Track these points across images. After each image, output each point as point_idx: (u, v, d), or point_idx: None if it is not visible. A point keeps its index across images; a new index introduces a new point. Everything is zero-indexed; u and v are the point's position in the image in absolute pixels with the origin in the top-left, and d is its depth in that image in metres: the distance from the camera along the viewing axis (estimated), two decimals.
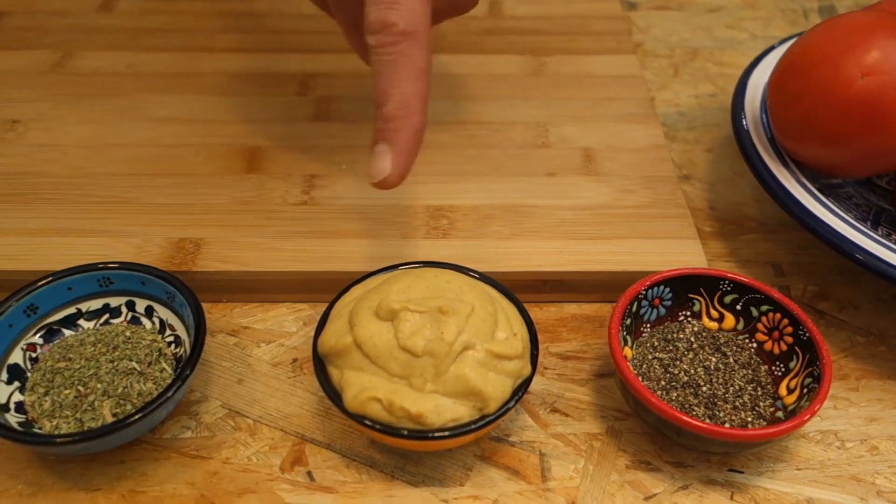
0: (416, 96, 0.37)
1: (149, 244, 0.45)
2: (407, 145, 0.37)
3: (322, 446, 0.39)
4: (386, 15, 0.36)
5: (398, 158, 0.37)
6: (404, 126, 0.37)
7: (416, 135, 0.37)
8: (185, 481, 0.37)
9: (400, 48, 0.36)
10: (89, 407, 0.37)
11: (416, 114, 0.37)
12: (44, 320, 0.41)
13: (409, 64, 0.36)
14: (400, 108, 0.36)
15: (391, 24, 0.36)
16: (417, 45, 0.36)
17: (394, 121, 0.37)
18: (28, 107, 0.54)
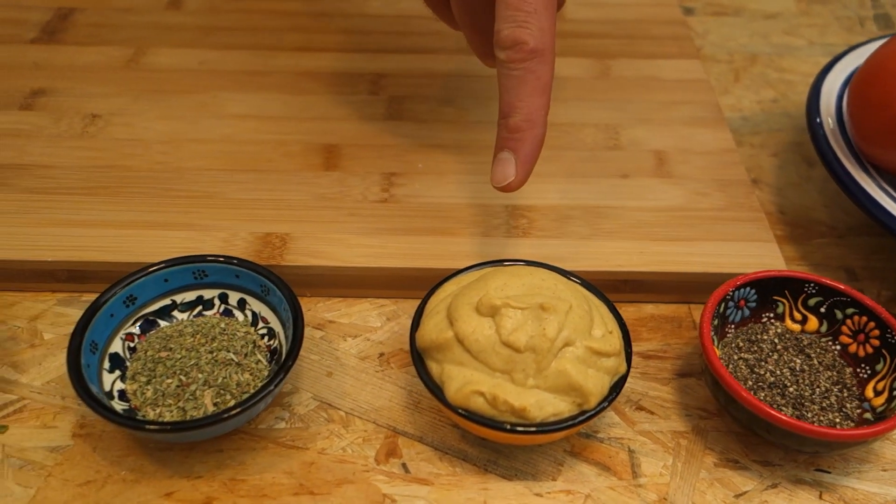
0: (539, 109, 0.39)
1: (236, 238, 0.46)
2: (529, 154, 0.40)
3: (414, 439, 0.40)
4: (518, 33, 0.38)
5: (521, 166, 0.40)
6: (528, 137, 0.39)
7: (538, 144, 0.40)
8: (284, 471, 0.38)
9: (528, 65, 0.38)
10: (191, 396, 0.38)
11: (540, 126, 0.39)
12: (141, 311, 0.41)
13: (535, 80, 0.39)
14: (525, 120, 0.39)
15: (522, 42, 0.38)
16: (544, 63, 0.39)
17: (519, 132, 0.39)
18: (106, 101, 0.55)
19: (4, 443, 0.39)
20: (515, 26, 0.38)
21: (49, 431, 0.39)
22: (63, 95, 0.56)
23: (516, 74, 0.39)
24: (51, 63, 0.59)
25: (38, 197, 0.48)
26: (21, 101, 0.55)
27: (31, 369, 0.42)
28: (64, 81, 0.57)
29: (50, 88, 0.56)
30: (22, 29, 0.62)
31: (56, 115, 0.54)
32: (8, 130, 0.52)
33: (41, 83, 0.57)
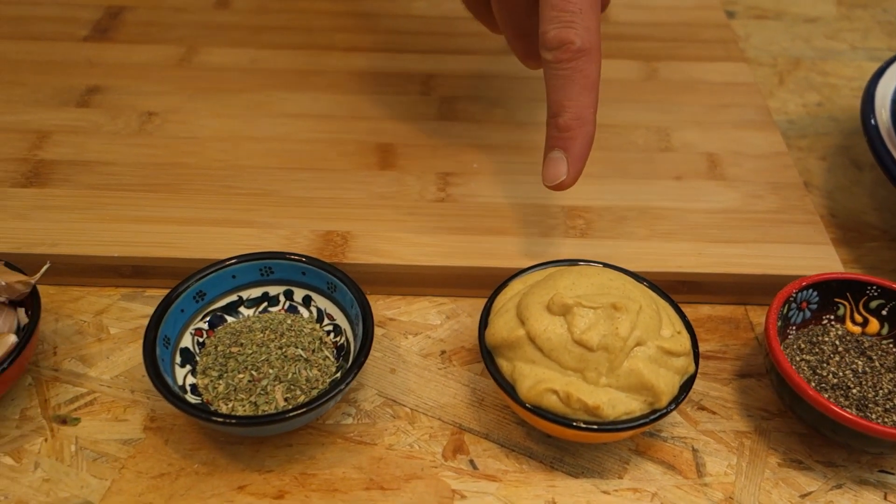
0: (589, 107, 0.40)
1: (297, 236, 0.46)
2: (580, 152, 0.40)
3: (480, 436, 0.40)
4: (564, 33, 0.38)
5: (573, 164, 0.40)
6: (579, 135, 0.40)
7: (589, 142, 0.40)
8: (353, 465, 0.39)
9: (575, 64, 0.39)
10: (262, 391, 0.39)
11: (589, 123, 0.40)
12: (209, 306, 0.42)
13: (583, 78, 0.39)
14: (575, 118, 0.39)
15: (569, 42, 0.38)
16: (591, 61, 0.39)
17: (569, 130, 0.40)
18: (162, 99, 0.56)
19: (77, 435, 0.39)
20: (562, 26, 0.38)
21: (120, 424, 0.40)
22: (118, 93, 0.56)
23: (564, 74, 0.39)
24: (104, 61, 0.59)
25: (101, 193, 0.48)
26: (77, 98, 0.56)
27: (100, 363, 0.42)
28: (118, 79, 0.57)
29: (105, 86, 0.57)
30: (74, 27, 0.62)
31: (113, 112, 0.54)
32: (67, 127, 0.53)
33: (96, 81, 0.57)
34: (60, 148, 0.51)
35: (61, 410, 0.40)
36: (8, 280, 0.39)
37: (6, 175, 0.49)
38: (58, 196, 0.48)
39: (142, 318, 0.45)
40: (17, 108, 0.54)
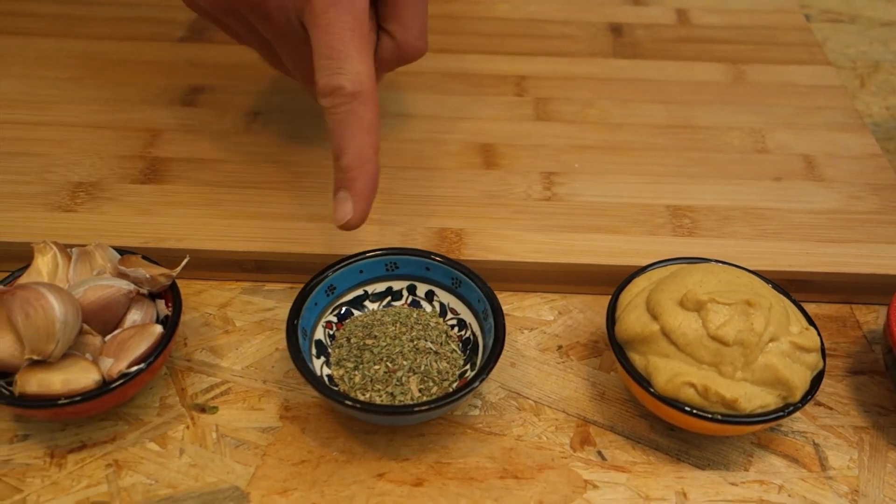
0: (368, 147, 0.40)
1: (413, 232, 0.48)
2: (363, 190, 0.41)
3: (605, 428, 0.41)
4: (334, 80, 0.40)
5: (358, 202, 0.41)
6: (359, 175, 0.40)
7: (372, 181, 0.41)
8: (486, 455, 0.40)
9: (348, 108, 0.40)
10: (398, 382, 0.40)
11: (370, 162, 0.41)
12: (338, 300, 0.43)
13: (357, 120, 0.40)
14: (355, 159, 0.40)
15: (339, 88, 0.40)
16: (363, 104, 0.40)
17: (351, 171, 0.40)
18: (264, 99, 0.57)
19: (217, 422, 0.41)
20: (331, 74, 0.40)
21: (257, 413, 0.41)
22: (221, 93, 0.58)
23: (339, 118, 0.40)
24: (204, 61, 0.61)
25: (218, 190, 0.50)
26: (182, 97, 0.57)
27: (229, 354, 0.44)
28: (219, 79, 0.59)
29: (208, 86, 0.58)
30: (170, 28, 0.64)
31: (219, 111, 0.56)
32: (176, 126, 0.55)
33: (198, 80, 0.59)
34: (173, 146, 0.53)
35: (199, 399, 0.42)
36: (152, 273, 0.41)
37: (126, 172, 0.51)
38: (177, 192, 0.49)
39: (264, 312, 0.46)
40: (126, 106, 0.56)
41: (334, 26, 0.39)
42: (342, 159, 0.41)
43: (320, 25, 0.39)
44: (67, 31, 0.63)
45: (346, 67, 0.40)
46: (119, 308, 0.40)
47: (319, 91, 0.40)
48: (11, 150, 0.52)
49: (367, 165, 0.41)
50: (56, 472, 0.38)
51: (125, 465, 0.39)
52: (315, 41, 0.40)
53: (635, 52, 0.63)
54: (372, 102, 0.40)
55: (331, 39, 0.39)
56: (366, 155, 0.40)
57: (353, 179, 0.41)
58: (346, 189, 0.41)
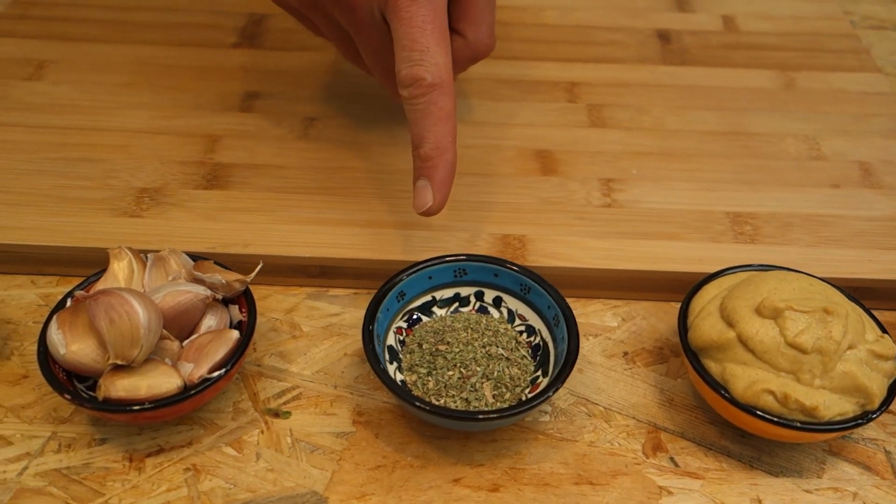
0: (446, 136, 0.42)
1: (477, 238, 0.48)
2: (443, 179, 0.42)
3: (676, 435, 0.41)
4: (415, 71, 0.41)
5: (437, 191, 0.42)
6: (439, 164, 0.42)
7: (450, 169, 0.43)
8: (559, 461, 0.40)
9: (428, 98, 0.42)
10: (472, 388, 0.40)
11: (448, 152, 0.42)
12: (408, 306, 0.44)
13: (437, 110, 0.42)
14: (434, 148, 0.42)
15: (420, 79, 0.41)
16: (444, 94, 0.42)
17: (430, 160, 0.42)
18: (319, 105, 0.58)
19: (291, 427, 0.41)
20: (412, 65, 0.41)
21: (329, 418, 0.41)
22: (276, 98, 0.58)
23: (420, 108, 0.42)
24: (257, 67, 0.61)
25: (280, 196, 0.50)
26: (239, 103, 0.57)
27: (298, 359, 0.44)
28: (274, 85, 0.59)
29: (263, 92, 0.59)
30: (222, 34, 0.64)
31: (275, 117, 0.56)
32: (234, 131, 0.55)
33: (253, 86, 0.59)
34: (233, 151, 0.53)
35: (271, 404, 0.42)
36: (227, 278, 0.41)
37: (188, 177, 0.51)
38: (240, 198, 0.50)
39: (330, 317, 0.46)
40: (184, 112, 0.56)
41: (416, 19, 0.41)
42: (422, 148, 0.42)
43: (403, 19, 0.41)
44: (120, 36, 0.63)
45: (427, 59, 0.41)
46: (196, 313, 0.40)
47: (400, 82, 0.42)
48: (73, 156, 0.52)
49: (447, 154, 0.42)
50: (136, 476, 0.39)
51: (203, 469, 0.39)
52: (397, 33, 0.41)
53: (684, 58, 0.64)
54: (450, 93, 0.42)
55: (413, 32, 0.41)
56: (444, 144, 0.42)
57: (433, 168, 0.42)
58: (425, 177, 0.42)
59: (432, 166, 0.42)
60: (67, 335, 0.38)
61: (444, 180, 0.42)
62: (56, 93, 0.58)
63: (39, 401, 0.42)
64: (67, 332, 0.38)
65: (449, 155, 0.42)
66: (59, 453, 0.39)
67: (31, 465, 0.39)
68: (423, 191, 0.42)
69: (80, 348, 0.38)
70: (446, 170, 0.42)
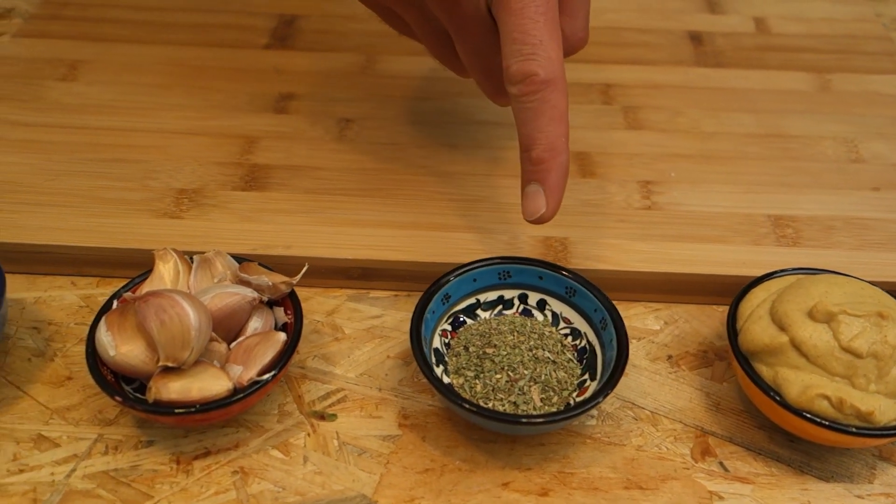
0: (560, 137, 0.39)
1: (518, 241, 0.48)
2: (556, 182, 0.40)
3: (724, 439, 0.41)
4: (527, 66, 0.38)
5: (550, 196, 0.40)
6: (553, 167, 0.40)
7: (564, 172, 0.40)
8: (607, 465, 0.40)
9: (541, 96, 0.39)
10: (520, 391, 0.40)
11: (562, 153, 0.40)
12: (452, 308, 0.43)
13: (551, 109, 0.39)
14: (547, 150, 0.39)
15: (532, 74, 0.38)
16: (557, 91, 0.39)
17: (543, 163, 0.39)
18: (354, 106, 0.57)
19: (337, 430, 0.41)
20: (523, 59, 0.38)
21: (376, 421, 0.41)
22: (311, 100, 0.58)
23: (531, 106, 0.39)
24: (290, 68, 0.61)
25: (319, 197, 0.50)
26: (273, 104, 0.57)
27: (342, 361, 0.44)
28: (308, 86, 0.59)
29: (297, 93, 0.59)
30: (253, 35, 0.64)
31: (310, 118, 0.56)
32: (271, 133, 0.55)
33: (287, 88, 0.59)
34: (270, 153, 0.53)
35: (316, 406, 0.42)
36: (273, 280, 0.41)
37: (227, 178, 0.51)
38: (279, 199, 0.50)
39: (371, 319, 0.46)
40: (219, 113, 0.56)
41: (528, 10, 0.38)
42: (533, 151, 0.40)
43: (514, 10, 0.38)
44: (151, 37, 0.63)
45: (540, 53, 0.38)
46: (243, 315, 0.40)
47: (510, 78, 0.39)
48: (111, 157, 0.52)
49: (560, 156, 0.39)
50: (184, 479, 0.38)
51: (251, 472, 0.39)
52: (506, 26, 0.38)
53: (718, 60, 0.63)
54: (564, 90, 0.39)
55: (525, 23, 0.38)
56: (559, 145, 0.39)
57: (547, 171, 0.39)
58: (537, 182, 0.40)
59: (545, 170, 0.39)
60: (116, 337, 0.38)
61: (557, 184, 0.40)
62: (90, 93, 0.58)
63: (84, 402, 0.41)
64: (116, 334, 0.38)
65: (563, 157, 0.40)
66: (106, 455, 0.39)
67: (78, 467, 0.39)
68: (535, 196, 0.40)
69: (129, 350, 0.38)
70: (559, 173, 0.40)
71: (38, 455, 0.39)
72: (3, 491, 0.38)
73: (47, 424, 0.40)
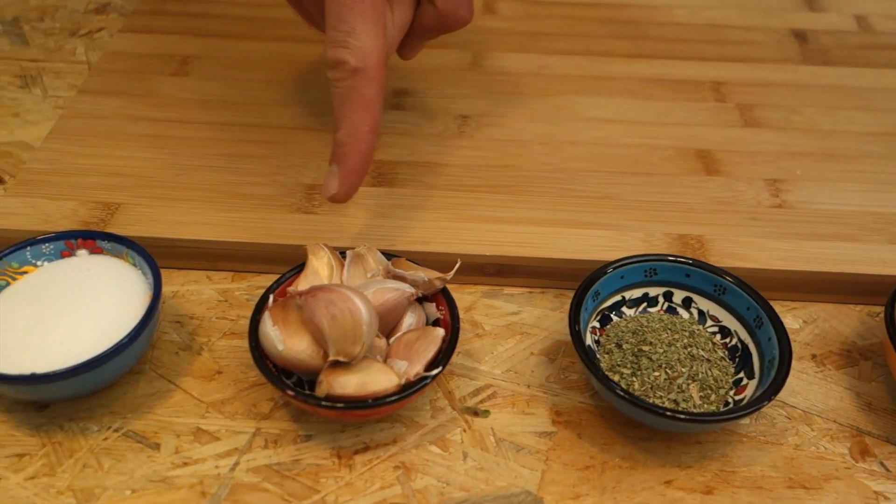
0: (362, 125, 0.40)
1: (653, 238, 0.47)
2: (353, 168, 0.41)
3: (880, 439, 0.41)
4: (338, 53, 0.39)
5: (344, 178, 0.41)
6: (350, 152, 0.40)
7: (362, 159, 0.41)
8: (767, 465, 0.40)
9: (349, 83, 0.40)
10: (679, 389, 0.40)
11: (363, 141, 0.40)
12: (601, 305, 0.43)
13: (357, 97, 0.40)
14: (348, 135, 0.40)
15: (342, 62, 0.39)
16: (366, 80, 0.39)
17: (343, 146, 0.40)
18: (469, 103, 0.57)
19: (492, 426, 0.41)
20: (336, 46, 0.39)
21: (529, 418, 0.41)
22: (425, 96, 0.58)
23: (340, 92, 0.40)
24: (402, 64, 0.60)
25: (447, 193, 0.50)
26: (388, 100, 0.57)
27: (486, 357, 0.44)
28: (420, 83, 0.59)
29: (411, 89, 0.59)
30: None
31: (427, 115, 0.56)
32: (391, 129, 0.55)
33: (401, 84, 0.59)
34: (394, 149, 0.53)
35: (468, 402, 0.42)
36: (429, 276, 0.41)
37: None
38: (409, 195, 0.50)
39: (509, 316, 0.46)
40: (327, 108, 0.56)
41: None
42: (337, 133, 0.41)
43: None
44: (256, 33, 0.63)
45: (351, 41, 0.39)
46: (401, 311, 0.40)
47: (325, 63, 0.40)
48: (235, 152, 0.52)
49: (360, 144, 0.40)
50: (347, 474, 0.38)
51: (413, 467, 0.39)
52: (327, 10, 0.40)
53: (825, 58, 0.63)
54: (375, 80, 0.40)
55: (341, 10, 0.39)
56: (359, 133, 0.40)
57: (345, 155, 0.40)
58: (336, 163, 0.41)
59: (344, 154, 0.40)
60: (283, 331, 0.38)
61: (352, 170, 0.40)
62: (204, 88, 0.58)
63: (238, 396, 0.42)
64: (282, 329, 0.38)
65: (362, 145, 0.40)
66: (266, 449, 0.39)
67: (241, 460, 0.39)
68: (331, 177, 0.41)
69: (296, 344, 0.38)
70: (356, 160, 0.40)
71: (200, 448, 0.39)
72: (170, 483, 0.38)
73: (204, 418, 0.41)
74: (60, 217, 0.47)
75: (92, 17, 0.70)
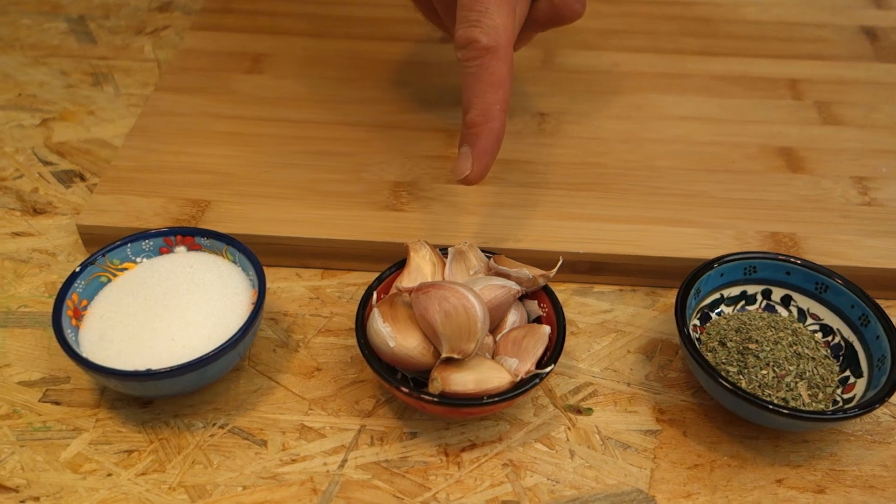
0: (494, 104, 0.40)
1: (745, 236, 0.47)
2: (485, 148, 0.40)
3: None
4: (470, 32, 0.40)
5: (477, 159, 0.40)
6: (484, 131, 0.40)
7: (495, 138, 0.40)
8: (878, 464, 0.39)
9: (481, 62, 0.40)
10: (788, 387, 0.39)
11: (495, 120, 0.40)
12: (701, 303, 0.43)
13: (489, 76, 0.40)
14: (480, 115, 0.40)
15: (474, 41, 0.40)
16: (497, 59, 0.40)
17: (475, 126, 0.40)
18: (546, 101, 0.57)
19: (596, 424, 0.40)
20: (468, 26, 0.40)
21: (632, 416, 0.41)
22: None
23: (472, 72, 0.40)
24: None
25: (535, 191, 0.50)
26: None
27: (583, 355, 0.44)
28: None
29: None
30: (427, 28, 0.64)
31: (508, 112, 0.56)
32: None
33: None
34: None
35: (570, 400, 0.42)
36: (533, 273, 0.41)
37: (437, 172, 0.51)
38: (495, 193, 0.49)
39: (602, 314, 0.46)
40: (412, 107, 0.56)
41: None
42: (468, 114, 0.40)
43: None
44: (328, 31, 0.63)
45: (484, 20, 0.39)
46: (506, 308, 0.40)
47: (456, 42, 0.40)
48: (318, 149, 0.52)
49: (492, 123, 0.40)
50: (456, 471, 0.38)
51: (521, 465, 0.39)
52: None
53: None
54: (506, 59, 0.40)
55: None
56: (492, 112, 0.40)
57: (477, 135, 0.40)
58: (468, 144, 0.41)
59: (476, 134, 0.40)
60: (393, 328, 0.38)
61: (486, 150, 0.40)
62: (280, 86, 0.58)
63: (339, 393, 0.41)
64: (392, 325, 0.38)
65: (495, 124, 0.40)
66: (373, 446, 0.39)
67: (349, 457, 0.39)
68: (463, 158, 0.41)
69: (407, 341, 0.37)
70: (489, 139, 0.40)
71: (307, 445, 0.39)
72: (280, 480, 0.38)
73: (307, 415, 0.40)
74: (152, 214, 0.47)
75: (156, 15, 0.70)
